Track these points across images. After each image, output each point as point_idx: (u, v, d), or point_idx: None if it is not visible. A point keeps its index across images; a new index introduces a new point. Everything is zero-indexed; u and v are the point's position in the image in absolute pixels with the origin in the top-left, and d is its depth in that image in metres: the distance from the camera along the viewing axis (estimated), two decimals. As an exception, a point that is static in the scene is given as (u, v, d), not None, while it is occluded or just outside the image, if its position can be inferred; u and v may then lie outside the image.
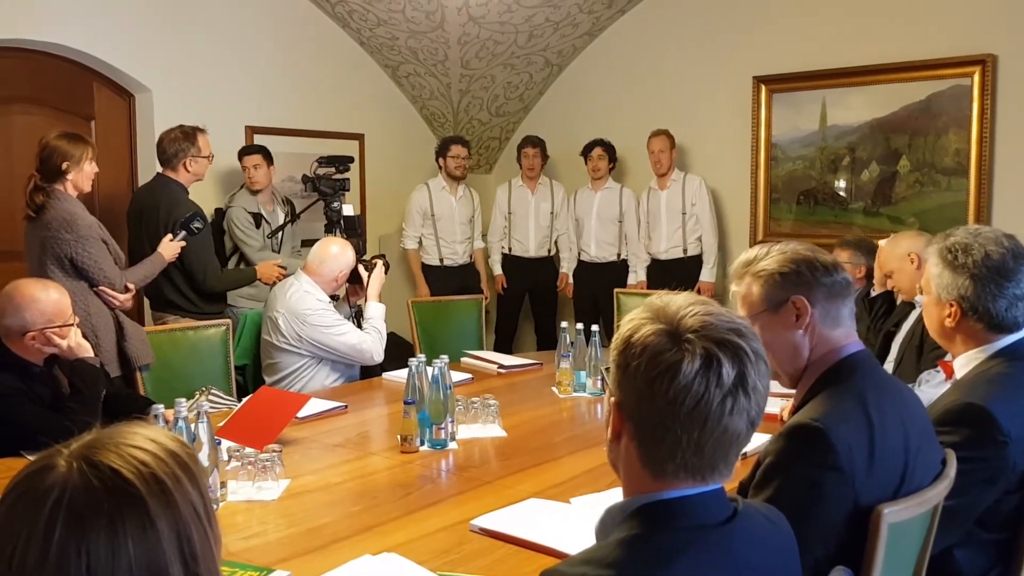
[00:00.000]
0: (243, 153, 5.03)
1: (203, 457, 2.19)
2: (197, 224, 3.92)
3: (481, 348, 4.64)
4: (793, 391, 3.07)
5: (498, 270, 6.19)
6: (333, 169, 4.86)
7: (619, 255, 5.89)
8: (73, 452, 0.91)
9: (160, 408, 2.26)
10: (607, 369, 1.33)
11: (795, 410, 1.78)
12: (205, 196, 4.37)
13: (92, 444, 0.93)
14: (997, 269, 2.06)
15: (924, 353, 3.35)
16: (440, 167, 5.97)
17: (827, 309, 1.78)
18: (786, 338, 1.80)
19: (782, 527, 1.33)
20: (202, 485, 0.96)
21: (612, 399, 1.26)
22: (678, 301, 1.26)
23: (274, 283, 4.34)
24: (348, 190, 4.87)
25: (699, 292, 5.40)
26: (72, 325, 2.76)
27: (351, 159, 5.05)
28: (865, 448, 1.60)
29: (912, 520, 1.62)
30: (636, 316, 1.26)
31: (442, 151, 5.96)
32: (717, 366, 1.18)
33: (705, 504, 1.22)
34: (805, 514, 1.49)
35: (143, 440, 0.94)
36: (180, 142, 4.12)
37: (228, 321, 3.90)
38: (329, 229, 4.71)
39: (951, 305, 2.11)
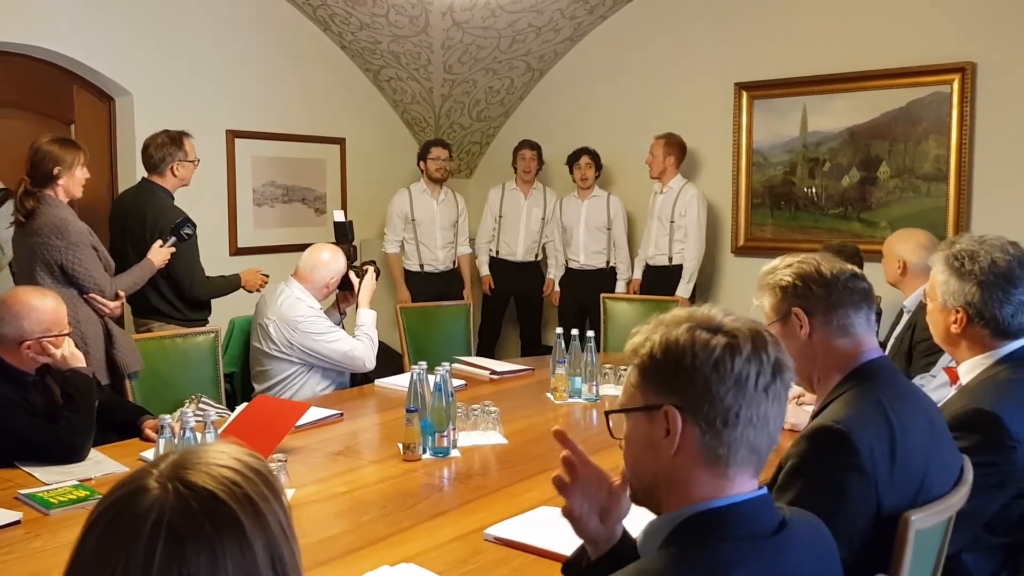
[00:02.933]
0: None
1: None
2: (187, 230, 3.87)
3: (470, 354, 4.63)
4: (791, 396, 3.13)
5: (485, 271, 6.15)
6: None
7: (607, 262, 5.88)
8: (164, 473, 0.89)
9: (167, 419, 2.23)
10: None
11: (815, 415, 1.80)
12: (188, 202, 4.31)
13: (181, 464, 0.91)
14: (1004, 276, 2.10)
15: (913, 360, 3.40)
16: (422, 170, 5.94)
17: (828, 319, 1.84)
18: (795, 345, 1.87)
19: (824, 533, 1.33)
20: (285, 502, 0.95)
21: (665, 409, 1.23)
22: (689, 309, 1.31)
23: (257, 290, 4.29)
24: None
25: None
26: (67, 335, 2.71)
27: None
28: (887, 450, 1.62)
29: (935, 526, 1.64)
30: (656, 327, 1.28)
31: (423, 154, 5.93)
32: (763, 346, 1.23)
33: (754, 512, 1.22)
34: (828, 515, 1.51)
35: (228, 459, 0.92)
36: (167, 147, 4.05)
37: (217, 328, 3.85)
38: None
39: (957, 311, 2.14)
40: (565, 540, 1.99)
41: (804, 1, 5.40)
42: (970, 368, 2.17)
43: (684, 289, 5.50)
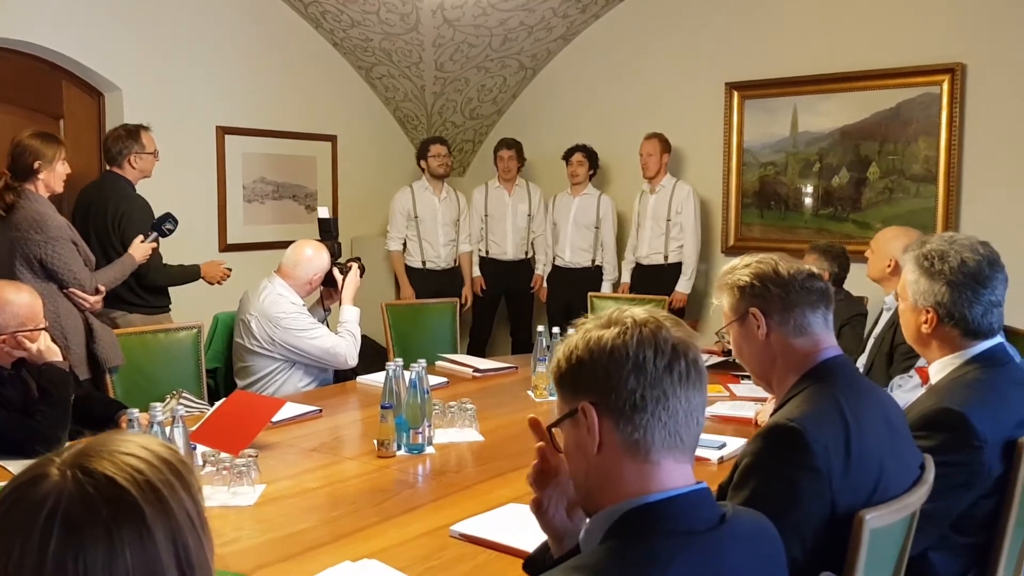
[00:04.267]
0: None
1: (178, 462, 2.16)
2: (168, 225, 3.90)
3: (456, 352, 4.62)
4: (766, 396, 3.13)
5: (476, 272, 6.16)
6: None
7: (594, 261, 5.89)
8: (66, 461, 0.90)
9: (135, 412, 2.23)
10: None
11: (773, 414, 1.80)
12: (160, 194, 4.34)
13: (85, 452, 0.91)
14: (973, 276, 2.09)
15: (894, 361, 3.39)
16: (423, 169, 5.96)
17: (785, 319, 1.83)
18: (754, 346, 1.88)
19: (769, 531, 1.33)
20: (195, 492, 0.95)
21: (581, 407, 1.26)
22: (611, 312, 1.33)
23: (218, 283, 4.32)
24: None
25: (671, 303, 5.44)
26: (42, 329, 2.71)
27: None
28: (841, 449, 1.62)
29: (893, 525, 1.64)
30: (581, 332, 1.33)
31: (422, 153, 5.96)
32: (657, 329, 1.26)
33: (693, 506, 1.22)
34: (782, 514, 1.51)
35: (136, 447, 0.92)
36: (124, 140, 4.15)
37: (200, 324, 3.85)
38: None
39: (928, 311, 2.13)
40: (530, 537, 1.99)
41: (796, 1, 5.39)
42: (940, 368, 2.17)
43: (685, 285, 5.55)
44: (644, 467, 1.23)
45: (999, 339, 2.16)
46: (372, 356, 4.60)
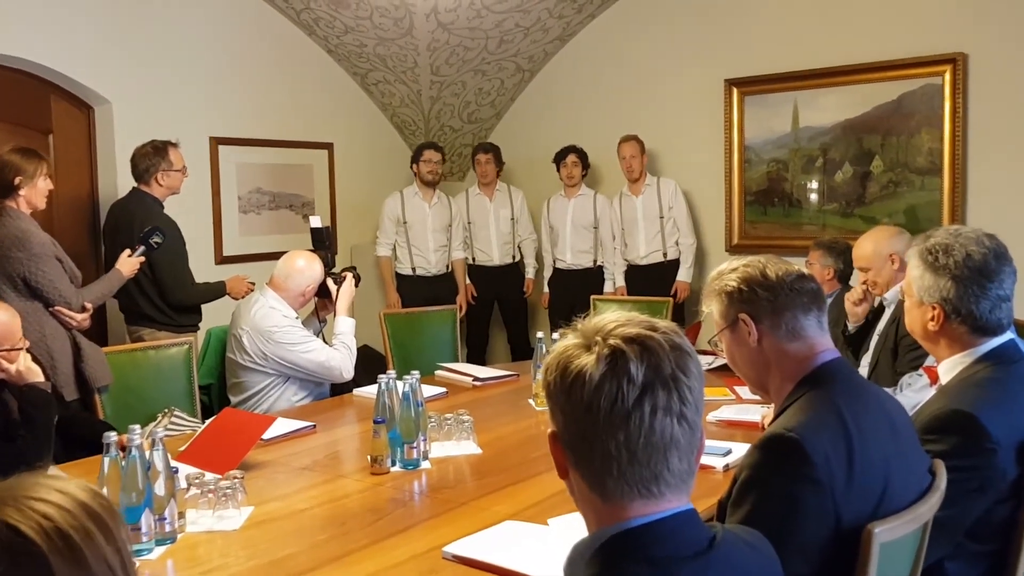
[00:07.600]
0: None
1: (159, 486, 2.09)
2: (156, 239, 3.83)
3: (456, 360, 4.54)
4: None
5: (466, 279, 6.09)
6: None
7: (595, 261, 5.83)
8: None
9: (113, 436, 2.14)
10: None
11: (772, 422, 1.71)
12: (172, 210, 4.28)
13: None
14: (979, 270, 2.00)
15: (899, 355, 3.29)
16: (415, 173, 5.88)
17: (776, 323, 1.74)
18: (746, 353, 1.80)
19: (765, 552, 1.25)
20: (118, 538, 0.87)
21: (549, 431, 1.21)
22: (607, 316, 1.22)
23: (243, 297, 4.26)
24: None
25: (675, 293, 5.37)
26: (21, 349, 2.64)
27: None
28: (843, 458, 1.53)
29: (904, 537, 1.55)
30: (564, 339, 1.23)
31: (415, 157, 5.89)
32: (624, 362, 1.13)
33: (678, 530, 1.13)
34: (784, 530, 1.43)
35: (49, 492, 0.86)
36: (151, 157, 4.15)
37: (191, 340, 3.78)
38: None
39: (934, 308, 2.05)
40: (526, 557, 1.92)
41: (793, -6, 5.31)
42: (950, 367, 2.08)
43: (686, 274, 5.55)
44: (610, 507, 1.16)
45: (1010, 335, 2.07)
46: (373, 366, 4.53)
